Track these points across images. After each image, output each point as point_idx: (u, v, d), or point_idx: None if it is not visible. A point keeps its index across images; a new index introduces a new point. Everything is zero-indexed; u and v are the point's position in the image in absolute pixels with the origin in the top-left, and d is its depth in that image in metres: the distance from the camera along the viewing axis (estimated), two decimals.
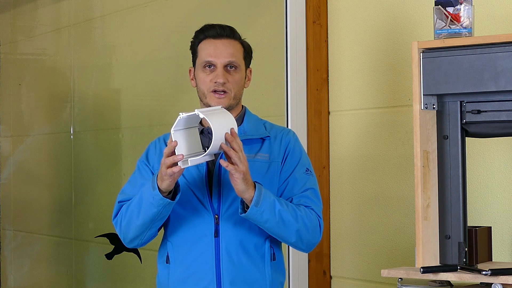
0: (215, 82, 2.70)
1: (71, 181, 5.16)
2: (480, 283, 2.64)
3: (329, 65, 3.76)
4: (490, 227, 2.90)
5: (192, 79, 2.80)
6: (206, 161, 2.66)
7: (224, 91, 2.70)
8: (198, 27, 2.81)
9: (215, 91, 2.70)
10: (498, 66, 2.63)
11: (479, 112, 2.73)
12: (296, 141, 2.81)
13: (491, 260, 2.89)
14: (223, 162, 2.50)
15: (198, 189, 2.69)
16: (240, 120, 2.78)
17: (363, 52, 3.62)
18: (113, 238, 4.63)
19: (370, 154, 3.58)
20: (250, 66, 2.82)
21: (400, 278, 2.72)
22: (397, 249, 3.45)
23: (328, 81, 3.76)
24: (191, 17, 4.37)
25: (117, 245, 4.61)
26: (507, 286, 2.53)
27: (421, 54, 2.77)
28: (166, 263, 2.73)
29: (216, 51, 2.73)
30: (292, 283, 3.69)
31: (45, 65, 5.61)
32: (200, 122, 2.75)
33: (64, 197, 5.24)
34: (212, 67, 2.72)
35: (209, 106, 2.70)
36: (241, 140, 2.64)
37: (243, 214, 2.58)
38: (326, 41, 3.76)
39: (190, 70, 2.81)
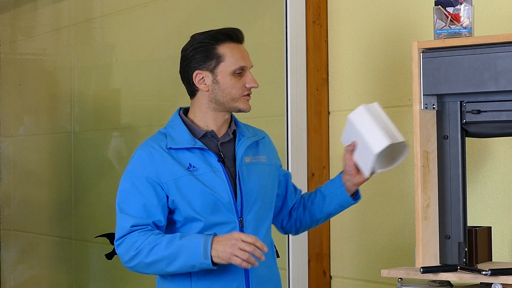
0: (250, 87, 2.74)
1: (71, 181, 5.16)
2: (480, 283, 2.64)
3: (329, 65, 3.76)
4: (490, 227, 2.90)
5: (204, 83, 2.74)
6: (224, 167, 2.71)
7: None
8: (198, 27, 2.81)
9: (245, 95, 2.75)
10: (498, 66, 2.63)
11: (479, 112, 2.73)
12: (270, 138, 2.94)
13: (491, 260, 2.89)
14: None
15: (222, 195, 2.70)
16: (234, 124, 2.82)
17: (363, 52, 3.62)
18: (113, 238, 4.63)
19: None
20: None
21: (400, 278, 2.72)
22: (397, 249, 3.45)
23: (328, 81, 3.76)
24: (191, 17, 4.37)
25: None
26: (507, 286, 2.53)
27: (421, 54, 2.77)
28: None
29: (243, 55, 2.75)
30: (292, 283, 3.69)
31: (45, 65, 5.61)
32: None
33: (64, 197, 5.24)
34: (241, 72, 2.73)
35: (238, 109, 2.74)
36: (248, 143, 2.75)
37: (356, 200, 2.85)
38: (326, 41, 3.76)
39: (197, 73, 2.74)
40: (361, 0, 3.62)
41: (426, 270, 2.63)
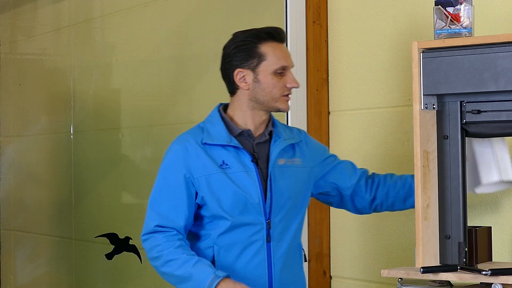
0: (291, 87, 2.75)
1: (71, 181, 5.17)
2: (480, 283, 2.64)
3: (329, 65, 3.76)
4: (490, 227, 2.90)
5: (244, 82, 2.74)
6: (257, 168, 2.73)
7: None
8: (198, 27, 2.81)
9: (285, 95, 2.76)
10: (498, 66, 2.63)
11: (479, 112, 2.73)
12: (308, 136, 2.94)
13: (491, 260, 2.89)
14: None
15: (252, 195, 2.72)
16: (271, 124, 2.83)
17: (363, 52, 3.62)
18: (113, 238, 4.63)
19: (370, 154, 3.58)
20: None
21: (400, 278, 2.72)
22: (397, 249, 3.45)
23: (328, 81, 3.76)
24: (191, 17, 4.37)
25: (117, 245, 4.61)
26: (507, 286, 2.53)
27: (421, 54, 2.77)
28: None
29: (285, 55, 2.76)
30: None
31: (45, 65, 5.61)
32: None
33: (64, 197, 5.24)
34: (282, 71, 2.74)
35: (277, 109, 2.76)
36: (283, 145, 2.77)
37: None
38: (326, 41, 3.76)
39: (239, 72, 2.74)
40: (361, 0, 3.62)
41: (426, 270, 2.63)
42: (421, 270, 2.62)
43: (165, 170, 2.76)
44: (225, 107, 2.83)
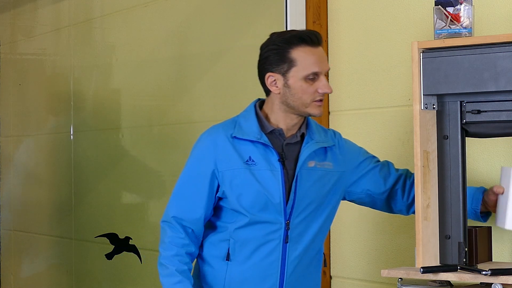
0: (323, 92, 2.71)
1: (71, 181, 5.17)
2: (480, 283, 2.64)
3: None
4: (490, 227, 2.90)
5: (275, 86, 2.72)
6: (282, 168, 2.72)
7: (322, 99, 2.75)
8: (198, 27, 2.81)
9: (317, 100, 2.72)
10: (498, 66, 2.63)
11: (479, 112, 2.73)
12: (342, 139, 2.90)
13: (491, 260, 2.89)
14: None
15: (274, 195, 2.72)
16: (305, 126, 2.81)
17: (363, 52, 3.62)
18: (113, 238, 4.64)
19: None
20: None
21: (400, 278, 2.72)
22: (397, 249, 3.45)
23: (328, 81, 3.76)
24: (191, 17, 4.37)
25: (117, 245, 4.61)
26: (507, 286, 2.53)
27: (421, 54, 2.77)
28: (226, 260, 2.75)
29: (319, 59, 2.71)
30: None
31: (45, 65, 5.61)
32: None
33: (64, 197, 5.24)
34: (314, 77, 2.70)
35: (308, 114, 2.74)
36: (314, 148, 2.75)
37: (483, 219, 2.84)
38: (326, 41, 3.76)
39: (269, 75, 2.71)
40: (361, 0, 3.62)
41: (426, 270, 2.63)
42: (421, 270, 2.62)
43: (193, 161, 2.78)
44: (261, 103, 2.82)
